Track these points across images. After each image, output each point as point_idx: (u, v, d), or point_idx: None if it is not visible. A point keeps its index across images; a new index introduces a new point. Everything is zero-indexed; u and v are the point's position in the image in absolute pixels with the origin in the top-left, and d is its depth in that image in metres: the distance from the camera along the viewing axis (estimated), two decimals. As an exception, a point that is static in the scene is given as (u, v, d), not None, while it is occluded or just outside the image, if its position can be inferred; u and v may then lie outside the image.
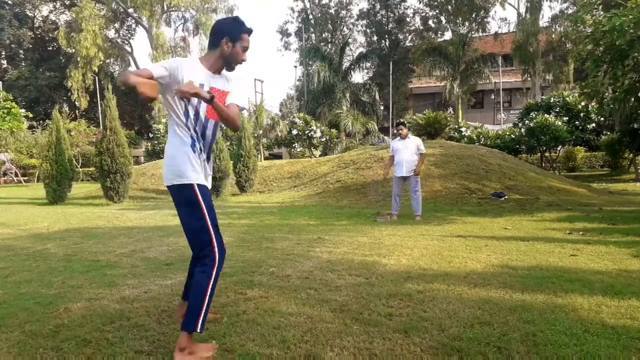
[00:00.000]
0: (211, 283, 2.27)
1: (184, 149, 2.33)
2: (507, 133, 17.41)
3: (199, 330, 2.24)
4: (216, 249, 2.30)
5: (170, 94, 2.32)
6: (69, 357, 2.28)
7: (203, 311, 2.24)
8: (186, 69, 2.31)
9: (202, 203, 2.31)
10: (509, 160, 13.05)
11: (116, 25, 37.00)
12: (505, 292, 3.16)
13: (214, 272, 2.28)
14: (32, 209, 10.76)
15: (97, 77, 30.41)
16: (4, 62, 37.96)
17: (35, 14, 38.73)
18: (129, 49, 37.86)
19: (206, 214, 2.31)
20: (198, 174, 2.34)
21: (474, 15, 29.38)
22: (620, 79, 7.75)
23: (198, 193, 2.31)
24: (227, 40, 2.40)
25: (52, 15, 39.43)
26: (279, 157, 25.33)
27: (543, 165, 17.69)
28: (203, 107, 2.35)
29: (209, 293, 2.25)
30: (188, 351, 2.21)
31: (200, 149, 2.39)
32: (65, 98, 37.57)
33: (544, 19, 31.87)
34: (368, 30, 39.95)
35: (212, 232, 2.31)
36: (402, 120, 7.25)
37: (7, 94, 22.64)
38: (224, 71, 2.50)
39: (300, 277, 3.68)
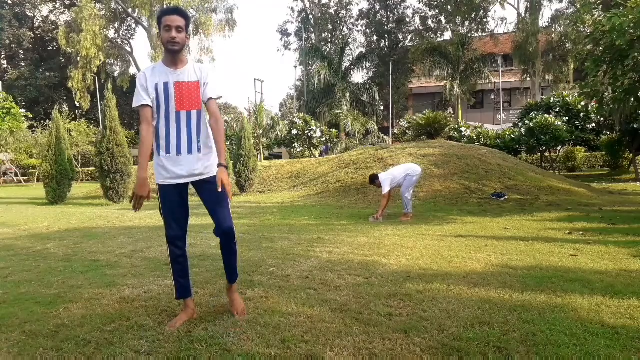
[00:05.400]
0: None
1: None
2: (507, 133, 17.41)
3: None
4: None
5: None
6: (69, 357, 2.28)
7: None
8: (149, 78, 2.61)
9: None
10: (509, 160, 13.04)
11: (116, 25, 36.98)
12: (505, 292, 3.16)
13: None
14: (32, 209, 10.75)
15: (97, 77, 30.40)
16: (4, 62, 37.94)
17: (35, 14, 38.71)
18: (129, 49, 37.85)
19: None
20: None
21: (473, 15, 29.38)
22: (620, 79, 7.75)
23: None
24: (158, 32, 2.66)
25: (52, 15, 39.41)
26: (279, 157, 25.33)
27: (543, 165, 17.68)
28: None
29: None
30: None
31: None
32: (65, 98, 37.56)
33: (544, 19, 31.85)
34: (368, 30, 39.97)
35: None
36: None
37: (7, 94, 22.63)
38: (192, 64, 2.69)
39: (300, 277, 3.67)
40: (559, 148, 17.76)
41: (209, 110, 2.68)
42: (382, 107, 31.00)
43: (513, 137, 16.83)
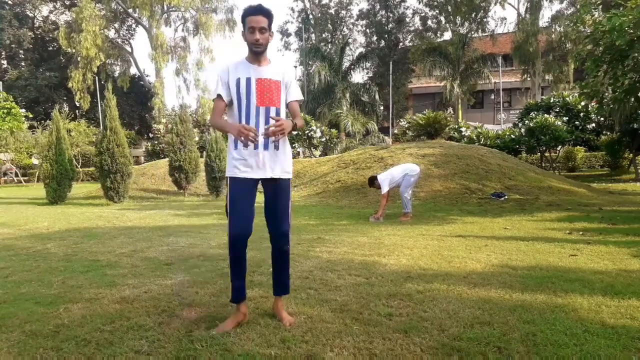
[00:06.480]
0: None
1: None
2: (507, 133, 17.40)
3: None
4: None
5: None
6: (69, 357, 2.28)
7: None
8: (231, 72, 2.64)
9: None
10: (509, 160, 13.04)
11: (116, 25, 36.98)
12: (505, 292, 3.16)
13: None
14: (32, 209, 10.75)
15: (97, 77, 30.40)
16: (4, 62, 37.90)
17: (35, 14, 38.69)
18: (129, 49, 37.85)
19: None
20: None
21: (473, 15, 29.39)
22: (620, 79, 7.75)
23: None
24: (242, 31, 2.64)
25: (52, 15, 39.39)
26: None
27: (543, 165, 17.68)
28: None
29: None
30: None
31: None
32: (65, 98, 37.55)
33: (544, 19, 31.91)
34: (368, 30, 39.97)
35: None
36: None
37: (7, 94, 22.62)
38: (275, 62, 2.70)
39: (300, 277, 3.67)
40: (559, 148, 17.75)
41: (291, 111, 2.76)
42: (382, 107, 30.98)
43: (513, 137, 16.82)
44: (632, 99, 8.30)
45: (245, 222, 2.65)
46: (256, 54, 2.61)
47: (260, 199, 2.71)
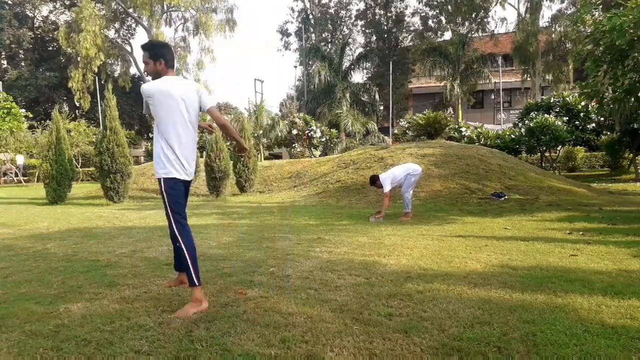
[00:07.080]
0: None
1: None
2: (507, 133, 17.39)
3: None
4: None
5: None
6: (69, 357, 2.28)
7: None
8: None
9: None
10: (509, 160, 13.03)
11: (116, 25, 36.98)
12: (505, 292, 3.16)
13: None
14: (32, 209, 10.75)
15: (97, 77, 30.41)
16: (4, 62, 37.90)
17: (35, 14, 38.69)
18: (129, 48, 37.86)
19: None
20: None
21: (473, 15, 29.38)
22: (620, 79, 7.74)
23: None
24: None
25: (52, 15, 39.39)
26: (279, 157, 25.33)
27: (543, 165, 17.68)
28: None
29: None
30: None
31: None
32: (65, 98, 37.56)
33: (544, 19, 31.92)
34: (368, 30, 40.00)
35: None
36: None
37: (7, 94, 22.62)
38: (182, 77, 3.33)
39: (300, 277, 3.68)
40: (559, 148, 17.74)
41: None
42: (382, 107, 31.01)
43: (513, 137, 16.81)
44: (632, 99, 8.30)
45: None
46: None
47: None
